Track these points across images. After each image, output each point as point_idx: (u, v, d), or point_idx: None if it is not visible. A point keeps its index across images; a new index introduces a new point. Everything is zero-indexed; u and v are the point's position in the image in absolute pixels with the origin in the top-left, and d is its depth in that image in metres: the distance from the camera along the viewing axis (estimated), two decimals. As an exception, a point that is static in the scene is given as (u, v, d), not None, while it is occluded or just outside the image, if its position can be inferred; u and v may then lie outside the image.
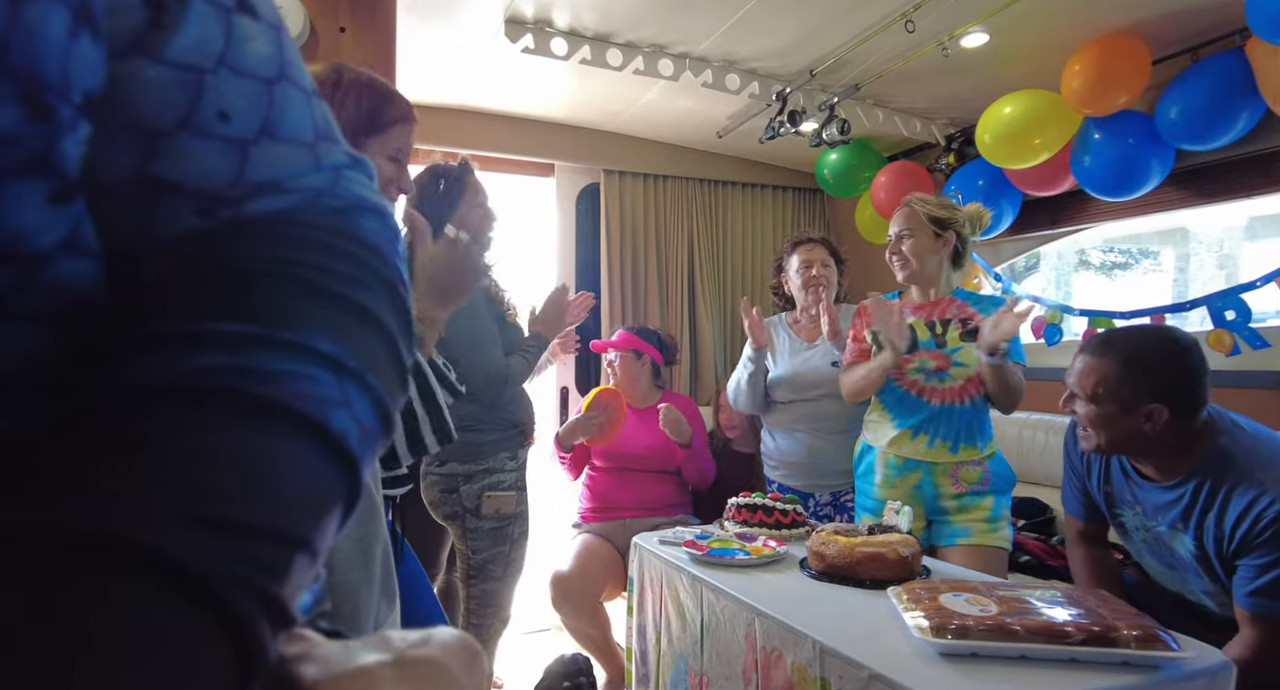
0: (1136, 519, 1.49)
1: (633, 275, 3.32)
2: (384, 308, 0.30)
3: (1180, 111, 2.05)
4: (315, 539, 0.24)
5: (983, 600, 1.11)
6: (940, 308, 1.87)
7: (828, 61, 2.39)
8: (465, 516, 1.85)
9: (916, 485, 1.82)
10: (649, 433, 2.55)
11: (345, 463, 0.26)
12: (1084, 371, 1.41)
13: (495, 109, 2.97)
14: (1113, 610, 1.08)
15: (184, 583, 0.20)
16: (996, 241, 2.96)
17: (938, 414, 1.80)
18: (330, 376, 0.26)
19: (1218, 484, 1.31)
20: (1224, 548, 1.31)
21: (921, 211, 1.85)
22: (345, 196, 0.33)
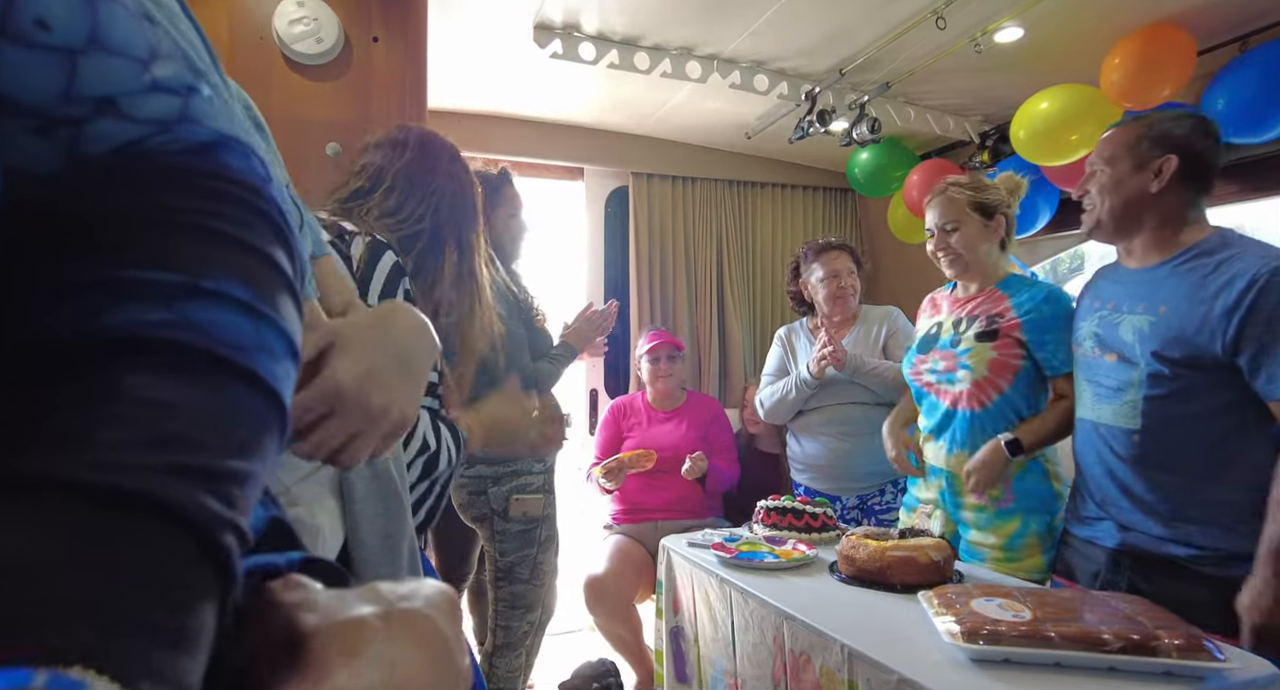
0: (1089, 325, 1.48)
1: (661, 277, 3.32)
2: (275, 248, 0.31)
3: (1228, 103, 1.97)
4: (261, 471, 0.27)
5: (1016, 606, 1.09)
6: (976, 301, 1.74)
7: (857, 60, 2.36)
8: (493, 518, 1.86)
9: (940, 492, 1.74)
10: (677, 434, 2.55)
11: (275, 401, 0.28)
12: (1106, 139, 1.48)
13: (524, 114, 3.00)
14: (1154, 618, 1.05)
15: (179, 524, 0.23)
16: (1034, 239, 2.89)
17: (949, 417, 1.70)
18: (248, 323, 0.28)
19: (1211, 254, 1.32)
20: (1200, 320, 1.26)
21: (963, 199, 1.71)
22: (202, 129, 0.32)
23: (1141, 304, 1.39)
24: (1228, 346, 1.24)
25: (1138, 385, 1.35)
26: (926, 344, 1.79)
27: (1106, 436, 1.41)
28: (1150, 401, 1.34)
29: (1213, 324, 1.25)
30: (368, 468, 0.64)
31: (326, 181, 1.76)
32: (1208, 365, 1.28)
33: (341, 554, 0.61)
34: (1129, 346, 1.37)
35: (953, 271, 1.76)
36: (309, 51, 1.71)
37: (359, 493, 0.62)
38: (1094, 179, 1.46)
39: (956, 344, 1.72)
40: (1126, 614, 1.06)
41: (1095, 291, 1.54)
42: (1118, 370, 1.39)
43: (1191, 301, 1.29)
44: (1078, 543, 1.50)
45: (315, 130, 1.74)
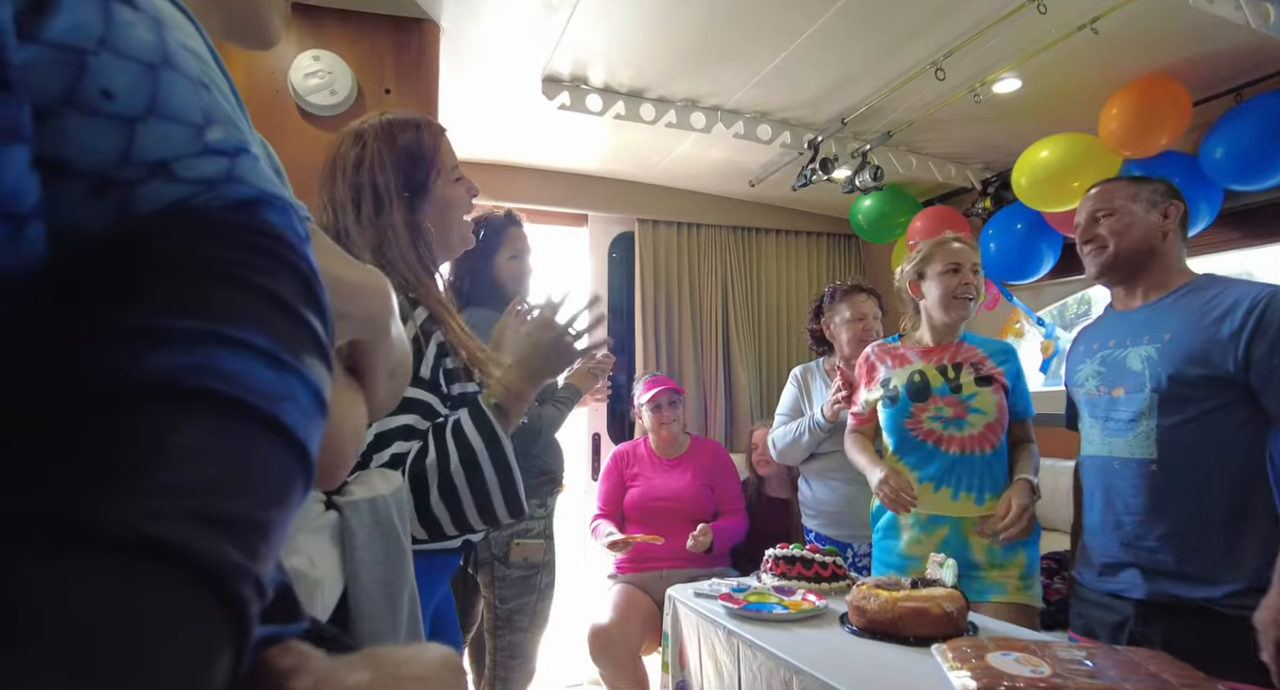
0: (1092, 366, 1.50)
1: (666, 322, 3.33)
2: (299, 299, 0.31)
3: (1226, 152, 2.01)
4: (285, 521, 0.27)
5: (1034, 661, 1.05)
6: (951, 351, 1.79)
7: (859, 110, 2.41)
8: (494, 564, 1.83)
9: (944, 540, 1.72)
10: (680, 482, 2.51)
11: (300, 452, 0.28)
12: (1107, 189, 1.51)
13: (531, 163, 3.07)
14: (1179, 675, 1.01)
15: (199, 573, 0.22)
16: (1038, 285, 2.90)
17: (957, 463, 1.71)
18: (272, 372, 0.28)
19: (1203, 289, 1.39)
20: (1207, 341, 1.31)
21: (976, 256, 1.81)
22: (247, 187, 0.33)
23: (1145, 335, 1.41)
24: (1239, 364, 1.28)
25: (1149, 413, 1.36)
26: (919, 393, 1.77)
27: (1122, 471, 1.40)
28: (1164, 429, 1.34)
29: (1222, 344, 1.29)
30: (369, 514, 0.63)
31: (337, 227, 1.80)
32: (1220, 384, 1.30)
33: (341, 603, 0.59)
34: (1137, 376, 1.39)
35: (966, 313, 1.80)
36: (323, 103, 1.76)
37: (360, 540, 0.61)
38: (1107, 221, 1.47)
39: (958, 390, 1.74)
40: (1150, 671, 1.02)
41: (1088, 338, 1.58)
42: (1128, 402, 1.40)
43: (1195, 328, 1.34)
44: (1096, 596, 1.46)
45: (326, 178, 1.77)
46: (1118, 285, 1.51)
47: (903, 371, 1.83)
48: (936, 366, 1.79)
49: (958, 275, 1.76)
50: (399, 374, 0.60)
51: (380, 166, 1.03)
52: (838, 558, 1.78)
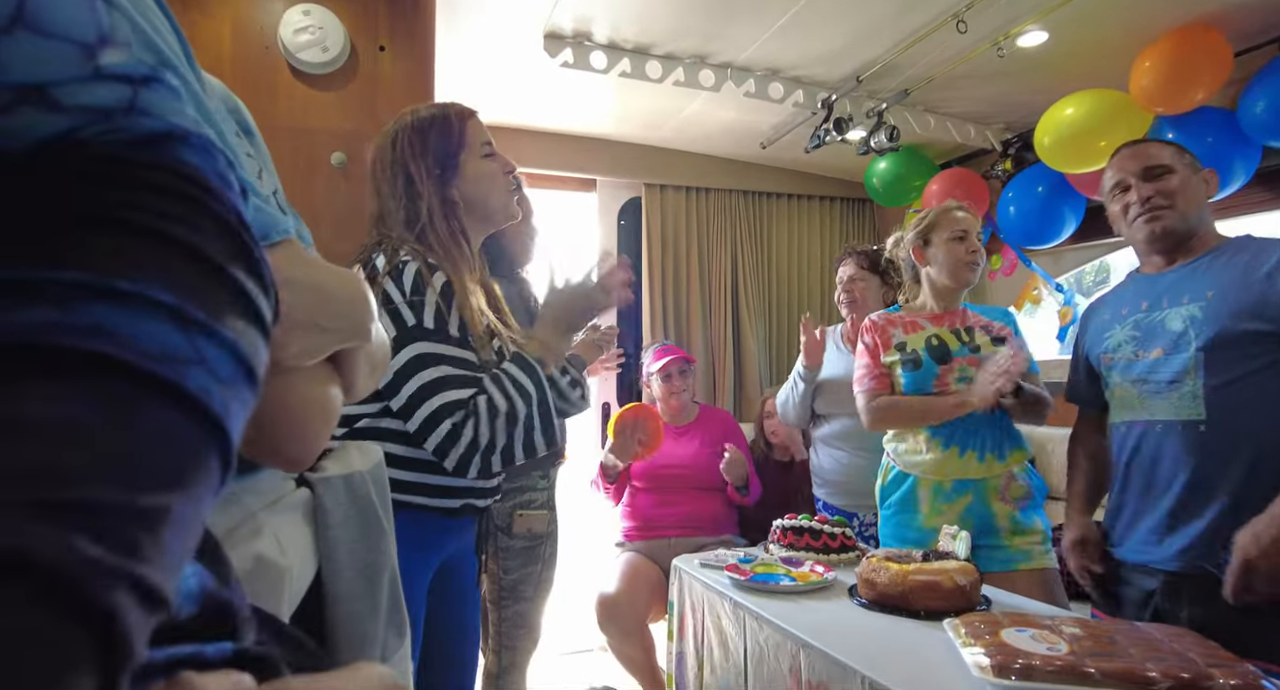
0: (1124, 330, 1.44)
1: (674, 289, 3.27)
2: (222, 254, 0.27)
3: (1267, 106, 1.90)
4: (183, 509, 0.22)
5: (1051, 637, 1.01)
6: (956, 317, 1.77)
7: (875, 66, 2.31)
8: (497, 535, 1.81)
9: (966, 508, 1.67)
10: (689, 449, 2.48)
11: (210, 424, 0.24)
12: (1151, 151, 1.42)
13: (536, 126, 2.98)
14: (1206, 654, 0.97)
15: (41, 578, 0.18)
16: (1058, 250, 2.81)
17: (975, 422, 1.68)
18: (176, 331, 0.24)
19: (1241, 248, 1.35)
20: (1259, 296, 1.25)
21: (976, 223, 1.77)
22: (155, 120, 0.28)
23: (1185, 296, 1.35)
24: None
25: (1194, 371, 1.29)
26: (942, 355, 1.72)
27: (1166, 434, 1.33)
28: (1212, 388, 1.28)
29: (1275, 297, 1.24)
30: (345, 492, 0.59)
31: (333, 191, 1.75)
32: (1272, 340, 1.24)
33: (316, 586, 0.56)
34: (1180, 336, 1.33)
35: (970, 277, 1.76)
36: (314, 61, 1.69)
37: (334, 518, 0.57)
38: (1169, 178, 1.38)
39: (977, 350, 1.71)
40: (1175, 649, 0.98)
41: (1111, 305, 1.51)
42: (1169, 362, 1.33)
43: (1243, 284, 1.28)
44: (1123, 570, 1.42)
45: (321, 140, 1.72)
46: (1168, 251, 1.41)
47: (917, 336, 1.77)
48: (950, 330, 1.76)
49: (964, 242, 1.74)
50: (378, 369, 0.59)
51: (411, 151, 1.14)
52: (847, 529, 1.74)
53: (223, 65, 1.61)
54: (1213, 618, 1.21)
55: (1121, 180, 1.42)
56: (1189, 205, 1.37)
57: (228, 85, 0.59)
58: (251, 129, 0.62)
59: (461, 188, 1.15)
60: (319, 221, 1.09)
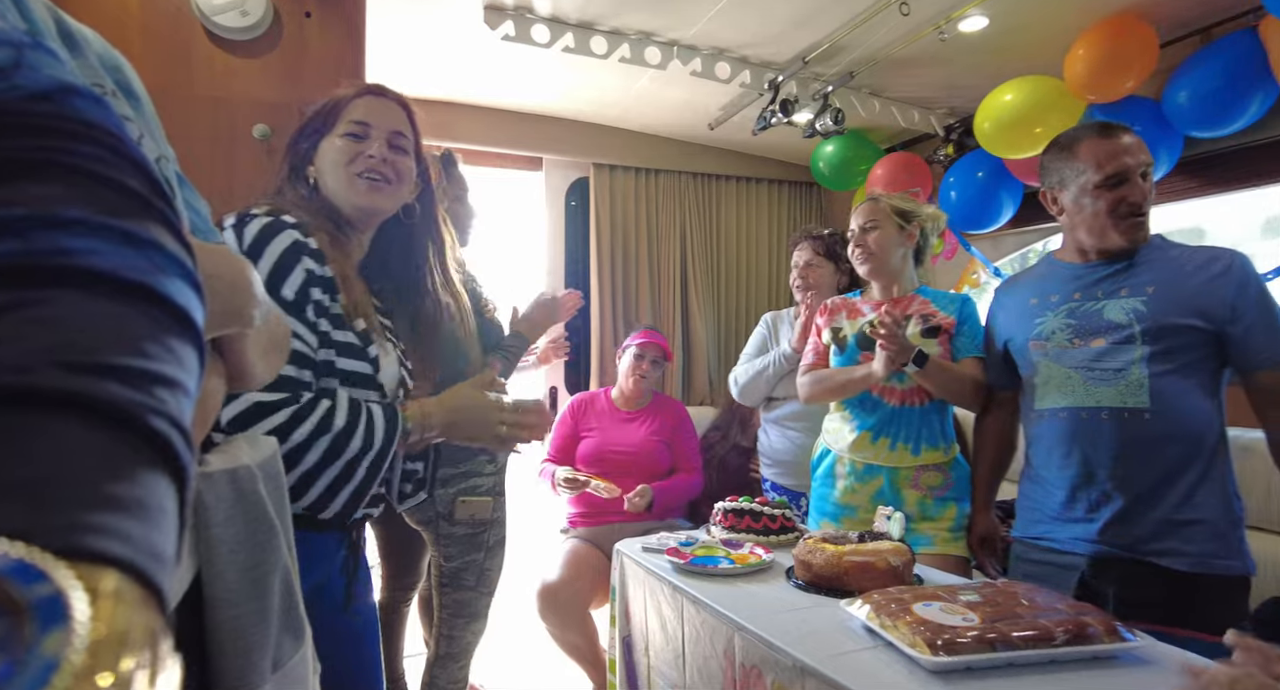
0: (1058, 318, 1.46)
1: (623, 271, 3.24)
2: (144, 186, 0.30)
3: (1190, 96, 1.96)
4: (182, 376, 0.27)
5: (959, 609, 1.05)
6: (903, 304, 1.80)
7: (821, 47, 2.30)
8: (438, 522, 1.77)
9: (878, 491, 1.76)
10: (637, 436, 2.47)
11: (179, 314, 0.28)
12: (1141, 146, 1.41)
13: (480, 101, 2.89)
14: (1074, 607, 1.07)
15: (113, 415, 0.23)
16: (997, 235, 2.87)
17: (896, 414, 1.74)
18: (132, 249, 0.28)
19: (1165, 248, 1.41)
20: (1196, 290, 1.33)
21: (886, 204, 1.82)
22: (45, 80, 0.31)
23: (1123, 289, 1.40)
24: (1223, 317, 1.31)
25: (1140, 363, 1.34)
26: (868, 343, 1.77)
27: (1108, 421, 1.37)
28: (1156, 377, 1.33)
29: (1212, 296, 1.32)
30: (229, 488, 0.55)
31: (255, 165, 1.65)
32: (1202, 336, 1.32)
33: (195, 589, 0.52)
34: (1122, 327, 1.37)
35: (864, 269, 1.84)
36: (234, 25, 1.59)
37: (216, 517, 0.53)
38: (1146, 181, 1.40)
39: None
40: (1056, 606, 1.06)
41: (1039, 288, 1.53)
42: (1115, 352, 1.37)
43: (1178, 279, 1.35)
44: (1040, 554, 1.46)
45: (242, 111, 1.62)
46: (1108, 252, 1.43)
47: (855, 322, 1.84)
48: None
49: (856, 237, 1.84)
50: (277, 351, 0.57)
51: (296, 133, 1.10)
52: (787, 510, 1.76)
53: (128, 28, 1.49)
54: (1140, 598, 1.28)
55: (1124, 172, 1.37)
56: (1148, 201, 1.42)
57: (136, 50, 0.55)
58: (134, 90, 0.57)
59: (319, 167, 1.07)
60: (239, 198, 1.02)
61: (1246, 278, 1.32)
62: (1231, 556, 1.29)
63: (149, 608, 0.20)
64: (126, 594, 0.20)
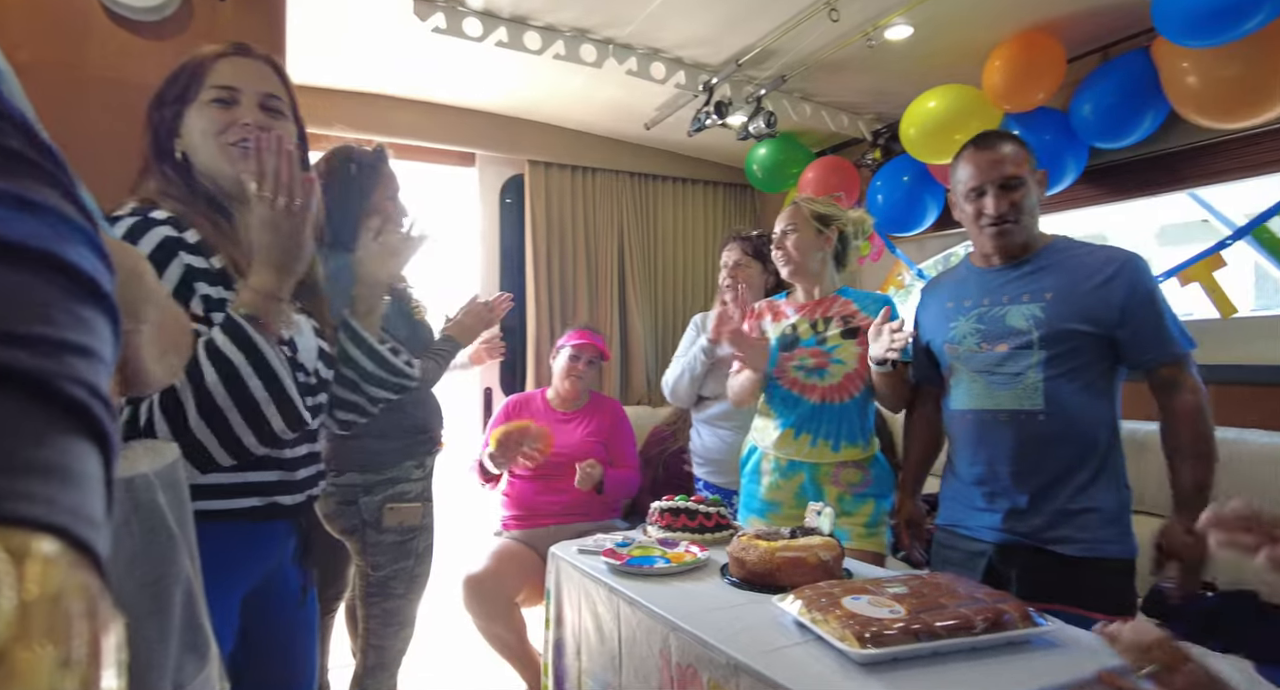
0: (969, 323, 1.52)
1: (560, 271, 3.21)
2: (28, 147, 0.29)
3: (1093, 109, 2.08)
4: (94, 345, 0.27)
5: (886, 601, 1.08)
6: (824, 306, 1.86)
7: (754, 50, 2.34)
8: (365, 530, 1.70)
9: (801, 487, 1.81)
10: (574, 436, 2.45)
11: (86, 281, 0.27)
12: (1004, 156, 1.47)
13: (410, 94, 2.81)
14: (991, 595, 1.11)
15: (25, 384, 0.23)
16: (921, 238, 2.98)
17: (817, 411, 1.79)
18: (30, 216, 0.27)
19: (1066, 251, 1.47)
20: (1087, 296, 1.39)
21: (805, 208, 1.87)
22: None
23: (1025, 294, 1.46)
24: (1114, 321, 1.37)
25: (1037, 367, 1.41)
26: (789, 343, 1.85)
27: (1009, 422, 1.44)
28: (1050, 380, 1.40)
29: (1102, 302, 1.38)
30: (125, 496, 0.50)
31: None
32: (1097, 341, 1.39)
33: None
34: (1022, 333, 1.43)
35: (785, 271, 1.89)
36: (136, 4, 1.48)
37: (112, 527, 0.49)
38: (1020, 191, 1.46)
39: (823, 342, 1.82)
40: (976, 595, 1.11)
41: (951, 294, 1.60)
42: (1014, 357, 1.44)
43: (1076, 287, 1.41)
44: (957, 541, 1.54)
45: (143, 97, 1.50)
46: (1009, 256, 1.51)
47: (779, 325, 1.90)
48: (809, 320, 1.86)
49: (778, 240, 1.90)
50: (176, 353, 0.55)
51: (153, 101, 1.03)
52: (722, 508, 1.78)
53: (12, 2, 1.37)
54: (1039, 581, 1.36)
55: (980, 185, 1.47)
56: (1031, 216, 1.48)
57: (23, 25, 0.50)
58: None
59: (186, 139, 0.99)
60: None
61: (1136, 281, 1.38)
62: (1119, 542, 1.38)
63: (84, 569, 0.21)
64: (57, 556, 0.20)
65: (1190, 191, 2.49)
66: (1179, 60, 1.87)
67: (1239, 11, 1.61)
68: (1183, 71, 1.87)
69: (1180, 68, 1.88)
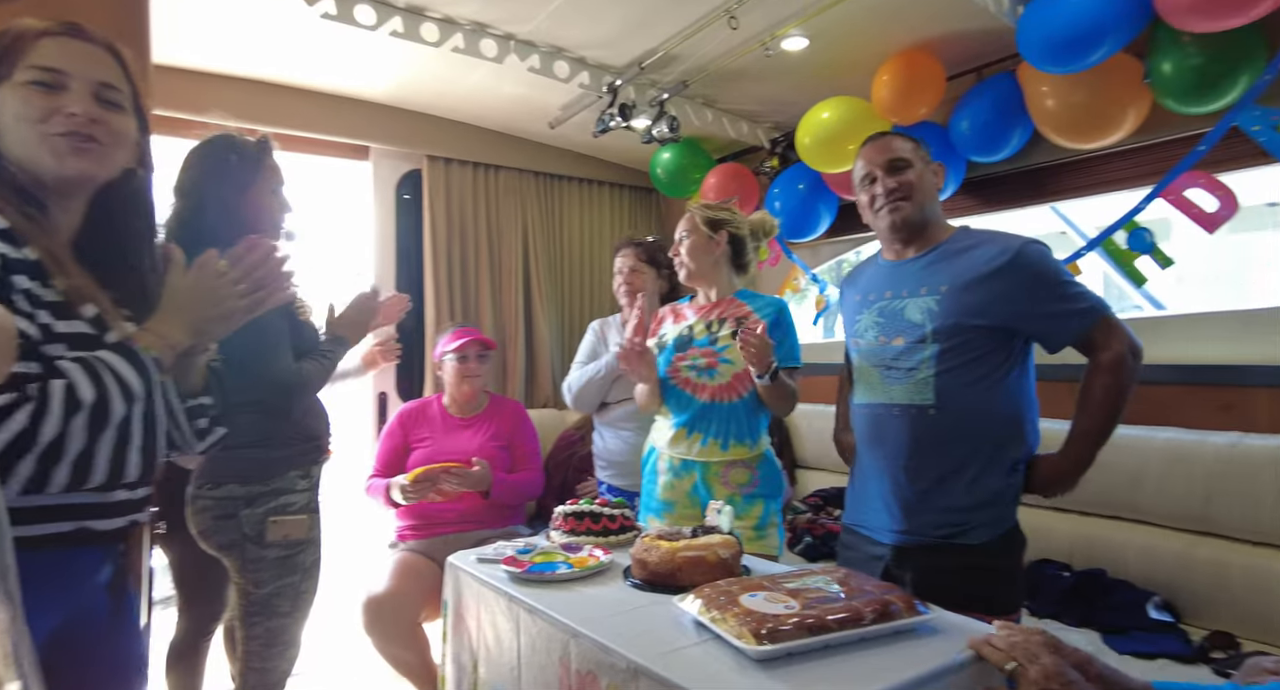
0: (870, 316, 1.56)
1: (461, 271, 3.12)
2: None
3: (969, 126, 2.23)
4: None
5: (781, 597, 1.10)
6: (720, 307, 1.90)
7: (656, 54, 2.36)
8: (245, 545, 1.59)
9: (693, 486, 1.84)
10: (474, 443, 2.38)
11: None
12: (892, 144, 1.52)
13: (298, 82, 2.65)
14: (879, 586, 1.16)
15: None
16: (815, 244, 3.11)
17: (707, 410, 1.82)
18: None
19: (965, 242, 1.49)
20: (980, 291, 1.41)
21: (697, 215, 1.91)
22: None
23: (923, 287, 1.49)
24: (1009, 314, 1.40)
25: (929, 361, 1.44)
26: (683, 344, 1.89)
27: (901, 417, 1.48)
28: (941, 375, 1.43)
29: (996, 291, 1.40)
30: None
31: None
32: (991, 334, 1.41)
33: None
34: (917, 327, 1.46)
35: (682, 275, 1.94)
36: (-35, -36, 1.31)
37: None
38: (908, 172, 1.50)
39: (714, 342, 1.85)
40: (865, 588, 1.14)
41: (860, 287, 1.65)
42: (909, 351, 1.47)
43: (969, 281, 1.43)
44: (856, 540, 1.58)
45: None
46: (908, 240, 1.55)
47: (677, 326, 1.94)
48: (705, 321, 1.90)
49: (674, 247, 1.94)
50: None
51: None
52: (626, 510, 1.77)
53: None
54: (934, 581, 1.38)
55: (869, 172, 1.54)
56: (924, 197, 1.52)
57: None
58: None
59: None
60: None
61: (1029, 267, 1.39)
62: (994, 525, 1.43)
63: None
64: None
65: (1052, 205, 2.73)
66: (1040, 84, 2.04)
67: (1086, 43, 1.77)
68: (1043, 94, 2.05)
69: (1041, 91, 2.05)
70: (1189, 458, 1.92)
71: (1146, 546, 2.00)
